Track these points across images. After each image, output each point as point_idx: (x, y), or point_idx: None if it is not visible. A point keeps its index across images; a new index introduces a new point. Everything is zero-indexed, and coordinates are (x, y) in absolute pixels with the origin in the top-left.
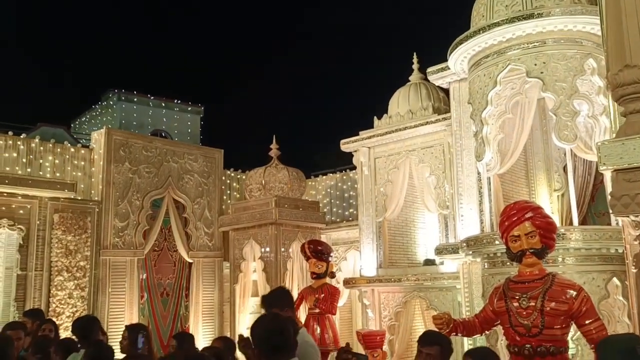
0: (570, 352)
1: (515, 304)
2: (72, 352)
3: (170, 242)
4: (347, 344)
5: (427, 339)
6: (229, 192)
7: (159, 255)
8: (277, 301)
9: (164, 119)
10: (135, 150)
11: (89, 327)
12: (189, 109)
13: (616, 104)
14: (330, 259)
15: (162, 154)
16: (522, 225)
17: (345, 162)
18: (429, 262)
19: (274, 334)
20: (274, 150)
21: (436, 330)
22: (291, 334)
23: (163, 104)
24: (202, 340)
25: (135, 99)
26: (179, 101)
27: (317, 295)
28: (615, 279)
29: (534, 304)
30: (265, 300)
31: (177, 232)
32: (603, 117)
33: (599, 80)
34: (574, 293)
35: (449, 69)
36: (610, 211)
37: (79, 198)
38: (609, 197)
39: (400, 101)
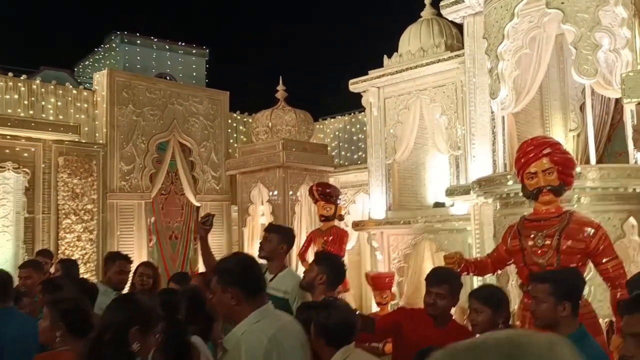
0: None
1: (530, 243)
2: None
3: (177, 186)
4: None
5: (435, 278)
6: (235, 135)
7: (167, 198)
8: None
9: (168, 62)
10: (138, 92)
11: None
12: (194, 51)
13: None
14: (338, 201)
15: (166, 96)
16: (540, 162)
17: (354, 105)
18: (438, 205)
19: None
20: (280, 91)
21: (444, 267)
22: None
23: (167, 47)
24: None
25: (138, 42)
26: (184, 44)
27: (325, 238)
28: (632, 219)
29: (549, 242)
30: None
31: (183, 176)
32: (626, 50)
33: (623, 11)
34: (592, 231)
35: (463, 1)
36: (632, 146)
37: (83, 141)
38: (628, 135)
39: (412, 38)
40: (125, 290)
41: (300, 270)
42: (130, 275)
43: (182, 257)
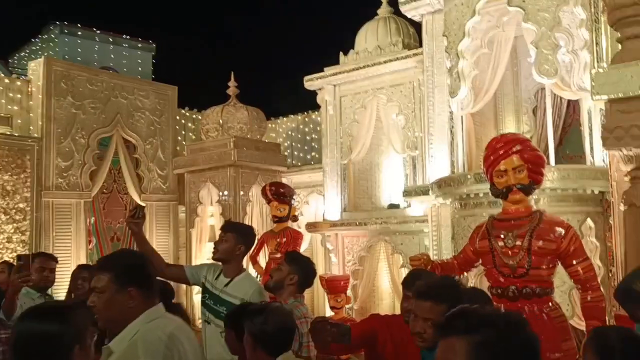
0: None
1: (500, 243)
2: None
3: (121, 184)
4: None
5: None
6: (183, 132)
7: (108, 198)
8: None
9: (112, 56)
10: (78, 83)
11: None
12: (140, 45)
13: (609, 32)
14: (292, 201)
15: (109, 89)
16: (510, 159)
17: (309, 104)
18: (393, 206)
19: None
20: (232, 88)
21: (421, 269)
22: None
23: (111, 39)
24: None
25: (79, 33)
26: (129, 37)
27: (278, 240)
28: (589, 220)
29: (520, 243)
30: None
31: (127, 174)
32: (584, 51)
33: (581, 12)
34: (563, 231)
35: None
36: (602, 145)
37: (16, 134)
38: (585, 136)
39: (369, 36)
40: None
41: (252, 274)
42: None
43: None
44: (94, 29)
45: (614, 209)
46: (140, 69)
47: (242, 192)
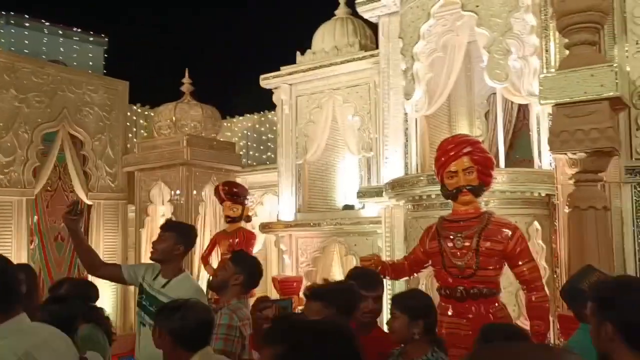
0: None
1: (450, 244)
2: None
3: (66, 182)
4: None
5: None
6: (134, 129)
7: (53, 195)
8: None
9: (62, 49)
10: (23, 75)
11: None
12: (91, 39)
13: (557, 39)
14: (246, 201)
15: (55, 82)
16: (460, 161)
17: (264, 104)
18: (347, 207)
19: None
20: (186, 85)
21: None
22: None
23: (60, 32)
24: (107, 287)
25: (27, 24)
26: (79, 30)
27: (231, 240)
28: (536, 223)
29: (469, 243)
30: None
31: (73, 171)
32: (534, 57)
33: (532, 19)
34: (510, 233)
35: (379, 0)
36: (546, 149)
37: None
38: (534, 140)
39: (326, 36)
40: None
41: (203, 275)
42: None
43: (69, 261)
44: (43, 21)
45: (558, 211)
46: (91, 63)
47: (195, 192)
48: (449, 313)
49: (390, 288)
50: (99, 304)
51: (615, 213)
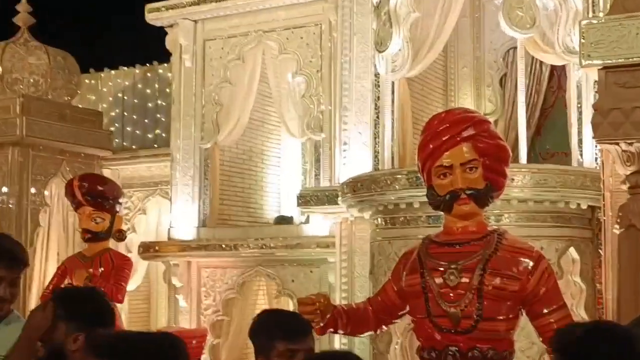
0: None
1: (438, 280)
2: None
3: None
4: None
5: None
6: None
7: None
8: None
9: None
10: None
11: None
12: None
13: None
14: (118, 208)
15: None
16: (458, 150)
17: (152, 50)
18: (283, 221)
19: None
20: (22, 15)
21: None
22: None
23: None
24: None
25: None
26: None
27: (92, 270)
28: (572, 250)
29: (467, 279)
30: None
31: None
32: None
33: None
34: (531, 263)
35: None
36: (592, 135)
37: None
38: (572, 122)
39: None
40: None
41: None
42: None
43: None
44: None
45: (606, 232)
46: None
47: (33, 190)
48: None
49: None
50: None
51: None
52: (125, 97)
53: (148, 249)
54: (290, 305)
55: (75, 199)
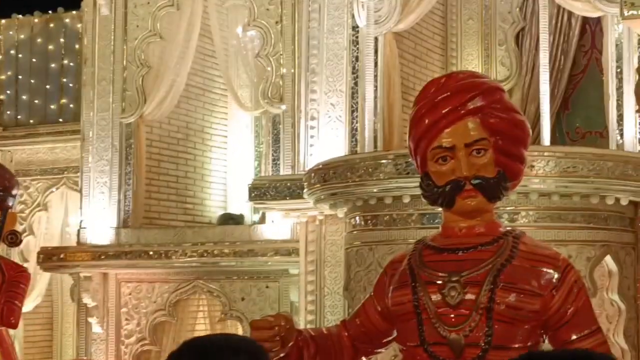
0: None
1: (435, 297)
2: None
3: None
4: None
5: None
6: None
7: None
8: None
9: None
10: None
11: None
12: None
13: None
14: (10, 202)
15: None
16: (462, 126)
17: None
18: (231, 220)
19: None
20: None
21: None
22: None
23: None
24: None
25: None
26: None
27: None
28: (608, 260)
29: (473, 296)
30: None
31: None
32: None
33: None
34: (555, 275)
35: None
36: (636, 109)
37: None
38: (611, 93)
39: None
40: None
41: None
42: None
43: None
44: None
45: None
46: None
47: None
48: None
49: None
50: None
51: None
52: (20, 55)
53: (50, 257)
54: (239, 331)
55: None
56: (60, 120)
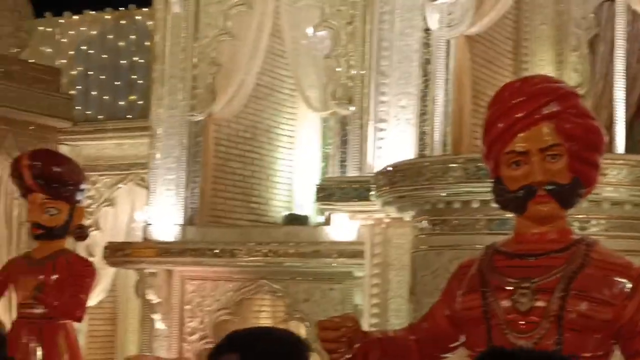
0: None
1: (505, 303)
2: None
3: None
4: None
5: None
6: None
7: None
8: None
9: None
10: None
11: None
12: None
13: None
14: (79, 197)
15: None
16: (536, 131)
17: None
18: (296, 220)
19: None
20: None
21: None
22: None
23: None
24: None
25: None
26: None
27: (43, 277)
28: None
29: (544, 303)
30: None
31: None
32: None
33: None
34: (628, 284)
35: None
36: None
37: None
38: None
39: None
40: None
41: None
42: None
43: None
44: None
45: None
46: None
47: None
48: None
49: None
50: None
51: None
52: (91, 51)
53: (116, 252)
54: (302, 332)
55: (24, 183)
56: (129, 116)
